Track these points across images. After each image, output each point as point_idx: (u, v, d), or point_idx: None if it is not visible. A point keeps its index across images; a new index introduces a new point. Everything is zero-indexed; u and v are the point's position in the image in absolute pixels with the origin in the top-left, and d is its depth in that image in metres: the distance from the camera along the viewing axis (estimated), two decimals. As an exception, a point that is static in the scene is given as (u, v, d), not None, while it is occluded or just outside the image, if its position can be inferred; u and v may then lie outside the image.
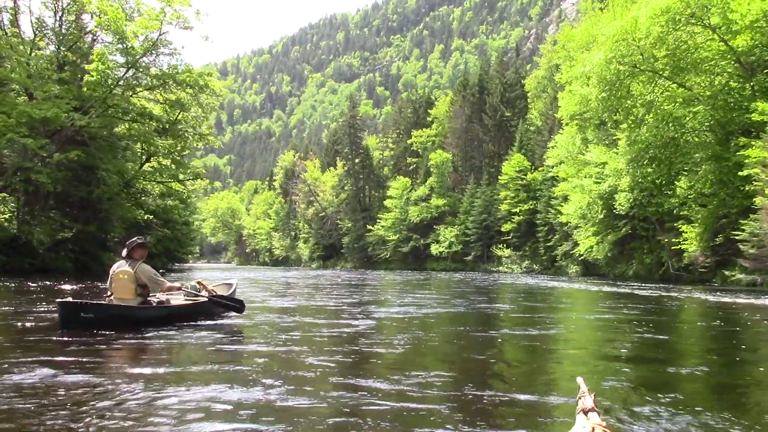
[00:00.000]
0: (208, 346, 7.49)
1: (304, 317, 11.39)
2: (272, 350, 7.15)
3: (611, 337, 9.54)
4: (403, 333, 8.99)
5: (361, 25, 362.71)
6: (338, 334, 9.08)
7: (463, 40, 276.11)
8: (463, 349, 7.75)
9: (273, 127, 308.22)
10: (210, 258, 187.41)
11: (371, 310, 12.88)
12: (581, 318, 13.28)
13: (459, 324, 11.04)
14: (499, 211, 65.77)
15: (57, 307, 8.14)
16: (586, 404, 3.15)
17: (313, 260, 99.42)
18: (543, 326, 10.61)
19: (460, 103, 79.20)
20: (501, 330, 10.27)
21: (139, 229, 44.35)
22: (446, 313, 13.25)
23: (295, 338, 8.23)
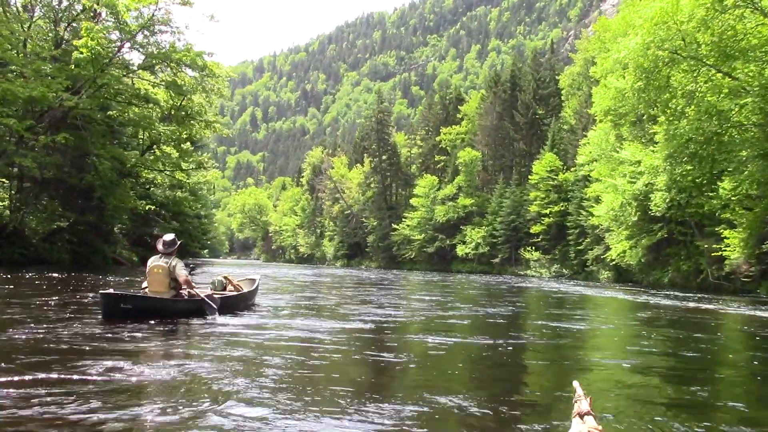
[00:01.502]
0: (230, 336, 8.03)
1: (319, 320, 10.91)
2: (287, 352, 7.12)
3: (635, 353, 8.74)
4: (417, 339, 8.88)
5: (398, 24, 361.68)
6: (351, 336, 8.95)
7: (500, 41, 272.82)
8: (470, 353, 7.77)
9: (307, 125, 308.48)
10: (240, 254, 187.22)
11: (391, 314, 12.52)
12: (607, 330, 12.05)
13: (474, 330, 10.59)
14: (528, 212, 63.69)
15: (100, 298, 8.88)
16: (582, 408, 3.22)
17: (338, 259, 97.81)
18: (560, 337, 10.08)
19: (491, 99, 76.56)
20: (516, 338, 9.66)
21: (147, 220, 42.75)
22: (463, 317, 12.80)
23: (312, 337, 8.28)
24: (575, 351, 8.73)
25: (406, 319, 11.80)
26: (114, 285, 17.88)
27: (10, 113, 24.97)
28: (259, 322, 9.80)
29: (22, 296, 12.79)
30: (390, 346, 8.00)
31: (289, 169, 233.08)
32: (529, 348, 8.66)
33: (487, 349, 8.13)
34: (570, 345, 9.31)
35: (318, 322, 10.31)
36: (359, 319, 10.95)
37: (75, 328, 8.11)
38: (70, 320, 8.87)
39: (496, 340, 8.99)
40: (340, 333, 9.06)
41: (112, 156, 29.41)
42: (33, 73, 26.47)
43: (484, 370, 6.78)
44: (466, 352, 7.96)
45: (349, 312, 12.46)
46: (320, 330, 9.13)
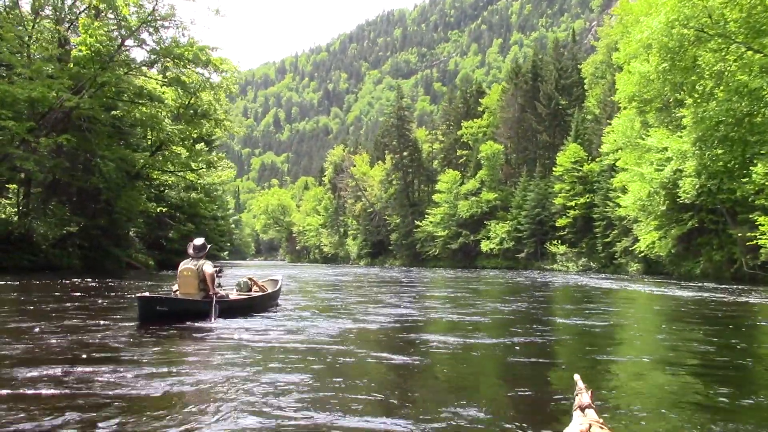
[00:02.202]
0: (255, 338, 8.09)
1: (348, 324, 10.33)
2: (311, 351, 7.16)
3: (664, 349, 8.29)
4: (444, 340, 8.37)
5: (419, 20, 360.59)
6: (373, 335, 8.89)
7: (522, 34, 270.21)
8: (493, 353, 7.58)
9: (330, 125, 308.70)
10: (267, 255, 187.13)
11: (413, 314, 12.17)
12: (635, 326, 11.29)
13: (497, 329, 10.12)
14: (553, 205, 62.22)
15: (137, 302, 9.13)
16: (583, 401, 3.21)
17: (362, 257, 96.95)
18: (586, 334, 9.74)
19: (512, 91, 75.05)
20: (540, 336, 9.19)
21: (161, 223, 42.05)
22: (487, 315, 12.37)
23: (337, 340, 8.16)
24: (601, 348, 8.26)
25: (428, 318, 11.43)
26: (133, 288, 17.82)
27: (10, 115, 24.12)
28: (282, 323, 9.91)
29: (42, 303, 12.62)
30: (411, 346, 7.75)
31: (312, 169, 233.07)
32: (554, 345, 8.37)
33: (509, 347, 7.85)
34: (596, 342, 8.90)
35: (338, 322, 10.16)
36: (380, 319, 10.76)
37: (114, 332, 8.44)
38: (105, 325, 9.16)
39: (519, 338, 8.67)
40: (361, 333, 8.97)
41: (118, 157, 28.46)
42: (33, 74, 25.66)
43: (506, 370, 6.59)
44: (488, 351, 7.66)
45: (370, 312, 12.20)
46: (340, 330, 9.05)
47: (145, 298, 9.18)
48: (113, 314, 10.66)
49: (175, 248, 44.54)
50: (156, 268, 40.86)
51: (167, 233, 43.45)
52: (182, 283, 10.05)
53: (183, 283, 10.05)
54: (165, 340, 7.97)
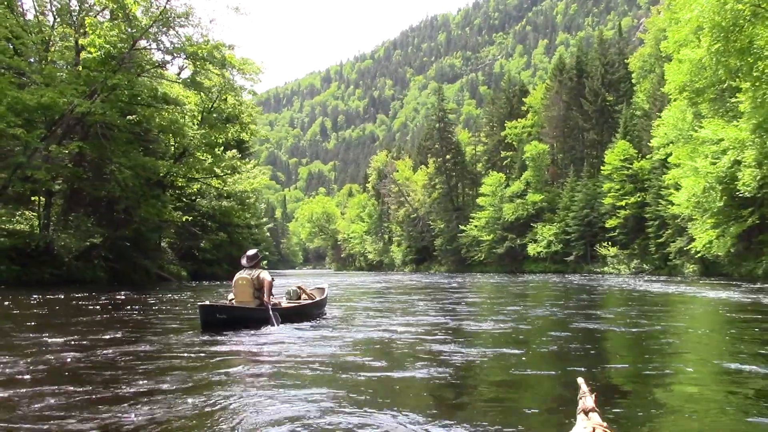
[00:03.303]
0: (306, 344, 8.29)
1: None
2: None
3: (727, 361, 7.07)
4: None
5: (463, 24, 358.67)
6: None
7: (568, 34, 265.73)
8: (542, 364, 6.81)
9: (376, 132, 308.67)
10: (315, 263, 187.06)
11: (459, 323, 11.53)
12: (694, 336, 9.98)
13: (547, 339, 9.13)
14: (602, 205, 60.06)
15: (198, 310, 9.60)
16: (586, 404, 3.19)
17: (406, 264, 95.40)
18: (642, 344, 8.75)
19: (556, 89, 72.60)
20: (592, 348, 8.41)
21: (192, 233, 40.99)
22: (535, 321, 11.92)
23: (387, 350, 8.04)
24: (640, 357, 7.59)
25: (474, 327, 10.72)
26: (166, 301, 17.66)
27: (19, 122, 23.03)
28: (330, 330, 10.00)
29: (79, 316, 12.55)
30: (456, 357, 7.23)
31: (359, 176, 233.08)
32: (609, 358, 7.77)
33: (560, 358, 7.33)
34: (637, 350, 8.26)
35: (381, 331, 9.89)
36: (426, 328, 10.32)
37: (181, 340, 8.70)
38: (169, 334, 9.48)
39: (568, 347, 8.14)
40: (405, 342, 8.62)
41: (136, 164, 27.20)
42: (45, 80, 24.62)
43: (557, 385, 5.90)
44: (538, 362, 7.06)
45: (412, 320, 11.81)
46: (383, 339, 8.86)
47: (206, 306, 9.66)
48: (169, 324, 11.10)
49: (207, 258, 43.46)
50: (189, 279, 39.82)
51: (199, 243, 42.33)
52: (238, 292, 10.45)
53: (239, 291, 10.43)
54: (224, 346, 8.15)
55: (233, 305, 10.28)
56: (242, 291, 10.38)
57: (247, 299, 10.35)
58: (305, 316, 11.50)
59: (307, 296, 12.53)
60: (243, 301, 10.37)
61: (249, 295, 10.35)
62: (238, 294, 10.44)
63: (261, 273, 10.44)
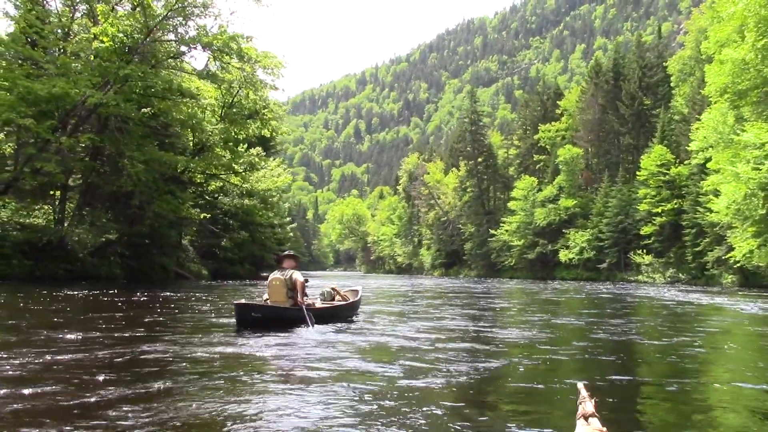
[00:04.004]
0: (340, 344, 8.48)
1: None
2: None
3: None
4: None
5: (499, 28, 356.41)
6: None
7: (607, 39, 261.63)
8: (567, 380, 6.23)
9: (410, 135, 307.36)
10: (346, 265, 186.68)
11: (490, 331, 11.18)
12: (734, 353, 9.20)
13: (576, 353, 8.53)
14: (637, 211, 58.12)
15: (234, 308, 9.99)
16: (586, 409, 3.19)
17: (435, 268, 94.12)
18: (678, 363, 7.95)
19: (592, 92, 70.80)
20: (625, 363, 8.01)
21: (214, 231, 40.34)
22: (563, 332, 11.57)
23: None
24: (683, 375, 7.00)
25: (501, 335, 10.39)
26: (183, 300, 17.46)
27: (30, 113, 22.35)
28: (363, 331, 10.16)
29: (101, 312, 12.75)
30: (481, 365, 7.09)
31: (392, 179, 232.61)
32: (633, 370, 7.40)
33: (584, 369, 7.22)
34: (677, 368, 7.53)
35: (411, 334, 9.89)
36: (452, 334, 10.29)
37: (217, 338, 8.82)
38: (205, 332, 9.66)
39: (594, 358, 8.02)
40: (431, 348, 8.47)
41: (150, 158, 26.41)
42: (57, 70, 23.94)
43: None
44: (560, 372, 6.91)
45: (441, 325, 11.74)
46: (411, 345, 8.68)
47: (242, 304, 9.97)
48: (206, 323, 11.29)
49: (228, 257, 42.73)
50: (209, 278, 39.12)
51: (220, 242, 41.61)
52: (272, 292, 10.72)
53: (273, 292, 10.71)
54: (259, 345, 8.24)
55: (267, 304, 10.52)
56: (276, 291, 10.66)
57: (281, 299, 10.63)
58: (338, 317, 11.71)
59: (341, 298, 12.81)
60: (277, 301, 10.64)
61: (283, 296, 10.63)
62: (272, 294, 10.73)
63: (294, 274, 10.72)
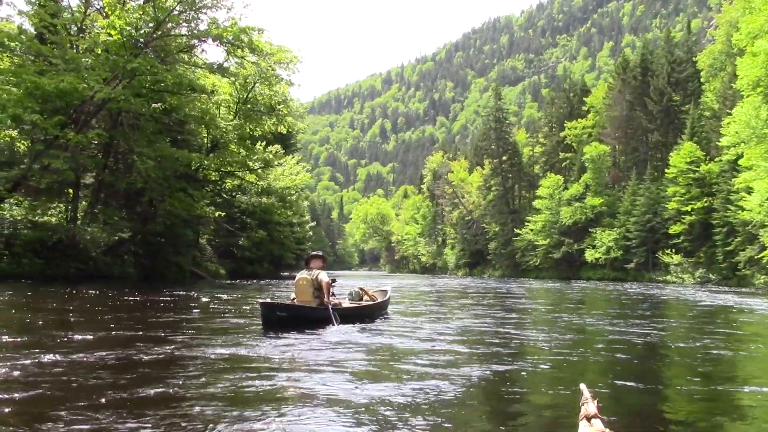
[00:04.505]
0: (367, 344, 8.45)
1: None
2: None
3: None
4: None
5: (526, 26, 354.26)
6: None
7: (635, 36, 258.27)
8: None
9: (436, 134, 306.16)
10: (372, 265, 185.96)
11: (516, 334, 10.75)
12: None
13: (604, 358, 8.23)
14: (666, 210, 56.64)
15: (260, 307, 10.00)
16: (589, 410, 3.19)
17: (459, 268, 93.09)
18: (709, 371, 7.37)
19: (619, 88, 69.27)
20: (655, 371, 7.49)
21: (231, 230, 39.80)
22: (590, 335, 11.15)
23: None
24: (707, 382, 6.62)
25: (525, 337, 10.18)
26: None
27: (36, 108, 21.85)
28: (390, 331, 10.13)
29: (122, 311, 12.78)
30: (503, 367, 6.98)
31: (417, 178, 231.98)
32: (667, 377, 7.15)
33: (608, 373, 6.96)
34: (699, 373, 7.17)
35: (438, 335, 9.90)
36: (475, 336, 10.20)
37: (243, 338, 8.88)
38: (230, 331, 9.72)
39: (622, 361, 7.80)
40: (459, 351, 8.34)
41: (161, 155, 25.79)
42: (66, 65, 23.40)
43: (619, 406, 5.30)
44: (583, 376, 6.63)
45: (465, 327, 11.67)
46: (436, 347, 8.50)
47: (267, 304, 10.03)
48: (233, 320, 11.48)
49: (246, 256, 42.15)
50: (227, 277, 38.53)
51: (237, 240, 41.02)
52: (299, 292, 10.85)
53: (299, 291, 10.84)
54: (284, 345, 8.29)
55: (293, 304, 10.64)
56: (303, 291, 10.79)
57: (307, 299, 10.74)
58: (365, 317, 11.78)
59: (368, 298, 12.84)
60: (304, 300, 10.74)
61: (309, 295, 10.74)
62: (299, 294, 10.85)
63: (320, 274, 10.84)
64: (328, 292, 10.72)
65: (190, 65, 26.68)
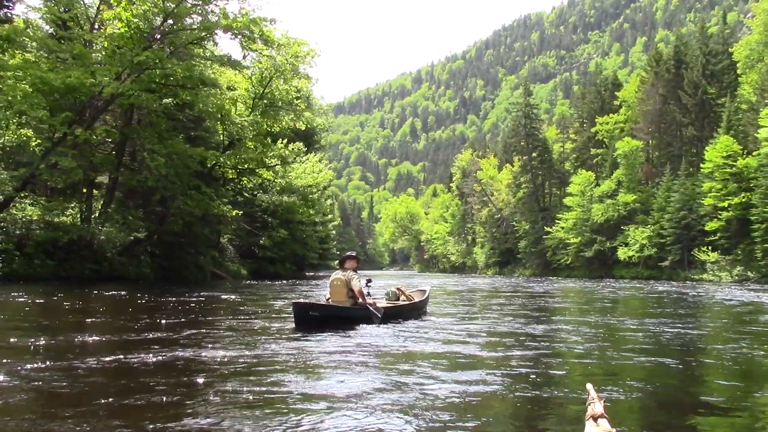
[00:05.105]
0: (401, 345, 8.41)
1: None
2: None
3: None
4: None
5: (557, 23, 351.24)
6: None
7: (669, 31, 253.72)
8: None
9: (467, 133, 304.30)
10: (402, 265, 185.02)
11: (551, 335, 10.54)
12: None
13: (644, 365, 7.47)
14: (702, 206, 54.85)
15: (292, 307, 10.04)
16: (595, 410, 3.16)
17: (489, 267, 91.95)
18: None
19: (652, 81, 67.40)
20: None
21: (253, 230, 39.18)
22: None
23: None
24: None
25: (561, 342, 9.59)
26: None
27: (43, 104, 21.24)
28: (425, 332, 10.03)
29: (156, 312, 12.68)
30: (542, 374, 6.51)
31: (447, 177, 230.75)
32: (699, 383, 6.60)
33: (647, 377, 6.47)
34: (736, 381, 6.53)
35: (466, 340, 9.31)
36: (507, 338, 9.76)
37: (278, 338, 8.81)
38: (264, 332, 9.56)
39: (656, 365, 7.31)
40: (490, 355, 7.95)
41: (173, 152, 25.09)
42: (74, 60, 22.85)
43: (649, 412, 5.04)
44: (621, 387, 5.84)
45: (499, 328, 11.23)
46: (469, 349, 8.23)
47: (300, 304, 10.06)
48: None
49: (268, 256, 41.44)
50: (248, 278, 37.87)
51: (259, 240, 40.31)
52: (333, 292, 10.98)
53: (334, 291, 10.97)
54: (317, 344, 8.30)
55: (326, 303, 10.73)
56: (337, 291, 10.89)
57: (341, 299, 10.83)
58: (402, 316, 11.77)
59: (405, 298, 12.80)
60: (338, 300, 10.84)
61: (343, 295, 10.83)
62: (334, 294, 10.96)
63: (352, 280, 10.87)
64: (360, 294, 10.79)
65: (200, 58, 25.90)
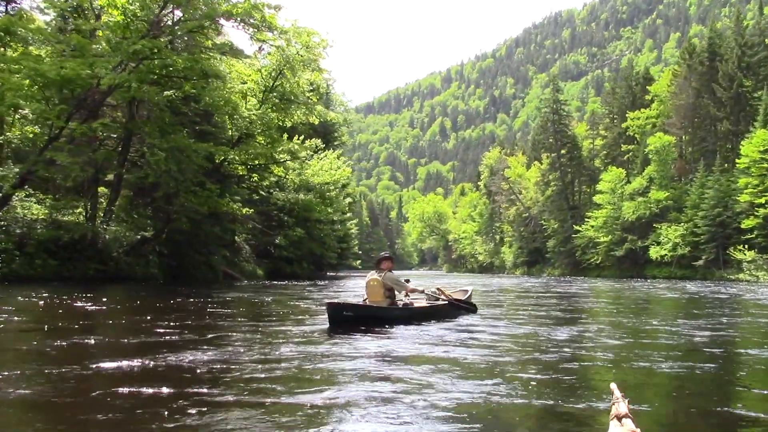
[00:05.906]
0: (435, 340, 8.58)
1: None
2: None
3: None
4: None
5: (588, 20, 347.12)
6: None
7: (703, 26, 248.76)
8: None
9: (497, 132, 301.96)
10: (432, 265, 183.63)
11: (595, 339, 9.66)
12: None
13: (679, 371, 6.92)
14: (737, 203, 53.27)
15: (326, 307, 9.98)
16: (620, 410, 3.17)
17: (517, 266, 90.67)
18: None
19: (685, 74, 65.38)
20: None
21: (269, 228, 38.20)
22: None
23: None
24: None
25: (594, 345, 8.92)
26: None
27: (38, 97, 20.46)
28: (461, 331, 9.81)
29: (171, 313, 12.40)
30: (572, 380, 5.99)
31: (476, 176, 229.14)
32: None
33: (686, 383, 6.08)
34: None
35: (501, 343, 8.73)
36: (543, 343, 8.99)
37: (311, 337, 8.77)
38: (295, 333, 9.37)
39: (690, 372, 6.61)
40: (521, 359, 7.43)
41: (176, 147, 24.10)
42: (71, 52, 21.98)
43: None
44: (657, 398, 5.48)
45: (541, 331, 10.50)
46: (506, 354, 7.60)
47: (334, 304, 9.97)
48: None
49: (284, 256, 40.28)
50: (264, 278, 36.78)
51: (273, 239, 39.20)
52: (369, 292, 11.06)
53: (370, 292, 11.04)
54: (352, 343, 8.22)
55: (359, 303, 10.67)
56: (374, 291, 10.96)
57: (378, 299, 10.88)
58: (441, 315, 11.68)
59: (445, 298, 12.55)
60: (375, 300, 10.87)
61: (380, 295, 10.88)
62: (370, 294, 11.02)
63: (391, 277, 11.01)
64: (400, 291, 11.07)
65: (201, 47, 24.85)
